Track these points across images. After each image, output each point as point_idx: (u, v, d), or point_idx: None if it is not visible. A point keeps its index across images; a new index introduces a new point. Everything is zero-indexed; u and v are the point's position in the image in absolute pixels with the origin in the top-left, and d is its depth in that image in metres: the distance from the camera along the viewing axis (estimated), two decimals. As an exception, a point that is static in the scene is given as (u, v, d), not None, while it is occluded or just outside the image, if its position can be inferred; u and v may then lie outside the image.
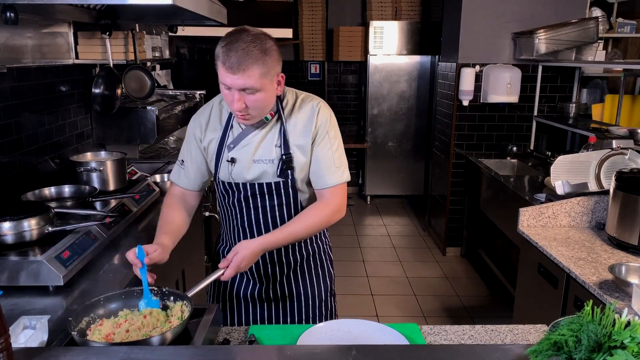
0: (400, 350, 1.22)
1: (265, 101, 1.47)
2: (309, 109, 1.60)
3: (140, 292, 1.39)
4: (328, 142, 1.59)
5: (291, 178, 1.58)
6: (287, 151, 1.56)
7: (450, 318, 3.59)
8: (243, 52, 1.36)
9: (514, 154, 4.13)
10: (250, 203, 1.63)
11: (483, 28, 4.16)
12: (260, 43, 1.39)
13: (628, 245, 2.15)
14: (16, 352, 1.08)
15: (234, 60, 1.36)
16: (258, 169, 1.58)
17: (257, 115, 1.50)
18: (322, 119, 1.59)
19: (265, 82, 1.42)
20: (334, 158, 1.60)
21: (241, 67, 1.36)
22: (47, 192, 2.21)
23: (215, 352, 1.18)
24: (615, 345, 0.93)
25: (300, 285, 1.75)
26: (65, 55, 2.76)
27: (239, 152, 1.58)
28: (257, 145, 1.57)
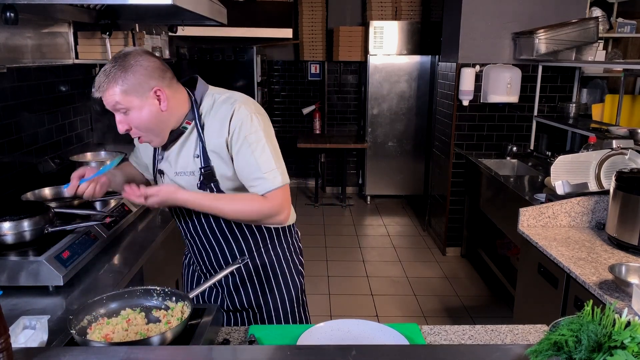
0: (400, 350, 1.22)
1: (146, 119, 1.40)
2: (224, 111, 1.46)
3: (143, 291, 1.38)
4: (247, 147, 1.44)
5: (217, 190, 1.50)
6: (206, 163, 1.48)
7: (450, 318, 3.59)
8: (103, 73, 1.37)
9: (514, 154, 4.13)
10: (186, 216, 1.61)
11: (483, 28, 4.16)
12: (123, 61, 1.37)
13: (628, 245, 2.15)
14: (16, 352, 1.08)
15: (97, 83, 1.38)
16: (182, 181, 1.53)
17: (150, 135, 1.45)
18: (236, 122, 1.44)
19: (132, 99, 1.37)
20: (258, 164, 1.45)
21: (101, 88, 1.37)
22: (47, 192, 2.21)
23: (215, 352, 1.18)
24: (616, 345, 0.93)
25: (260, 295, 1.67)
26: (65, 55, 2.76)
27: (164, 164, 1.57)
28: (177, 157, 1.52)
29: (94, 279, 1.73)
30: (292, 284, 1.72)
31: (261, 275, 1.67)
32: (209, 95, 1.52)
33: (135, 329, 1.27)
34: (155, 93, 1.40)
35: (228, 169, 1.49)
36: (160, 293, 1.39)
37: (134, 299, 1.37)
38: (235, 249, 1.63)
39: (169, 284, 2.36)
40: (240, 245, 1.63)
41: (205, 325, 1.29)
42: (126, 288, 1.40)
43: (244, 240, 1.62)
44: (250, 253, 1.64)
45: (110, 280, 1.73)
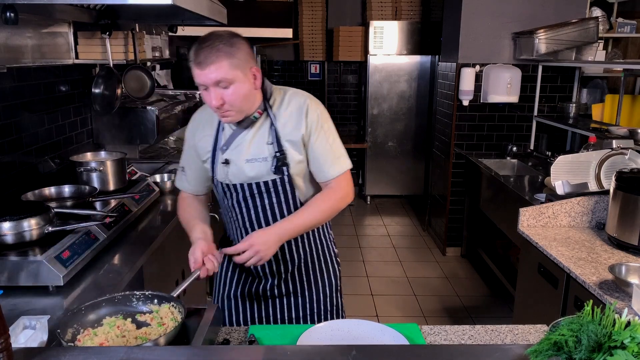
0: (400, 350, 1.21)
1: (242, 95, 1.48)
2: (297, 105, 1.60)
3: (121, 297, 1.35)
4: (324, 135, 1.61)
5: (287, 174, 1.59)
6: (280, 148, 1.57)
7: (450, 318, 3.59)
8: (209, 48, 1.43)
9: (514, 154, 4.13)
10: (249, 203, 1.64)
11: (483, 28, 4.16)
12: (227, 39, 1.45)
13: (628, 245, 2.15)
14: (16, 352, 1.08)
15: (201, 57, 1.42)
16: (252, 168, 1.59)
17: (237, 112, 1.52)
18: (313, 116, 1.59)
19: (237, 73, 1.45)
20: (332, 150, 1.62)
21: (208, 61, 1.42)
22: (47, 192, 2.21)
23: (215, 352, 1.18)
24: (616, 345, 0.93)
25: (305, 282, 1.75)
26: (65, 55, 2.76)
27: (231, 153, 1.60)
28: (249, 145, 1.59)
29: (94, 279, 1.73)
30: (332, 270, 1.79)
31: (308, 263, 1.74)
32: (276, 89, 1.64)
33: (134, 334, 1.26)
34: (252, 72, 1.50)
35: (299, 154, 1.59)
36: (140, 297, 1.36)
37: (114, 306, 1.33)
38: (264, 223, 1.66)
39: (169, 284, 2.36)
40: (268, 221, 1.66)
41: (205, 325, 1.29)
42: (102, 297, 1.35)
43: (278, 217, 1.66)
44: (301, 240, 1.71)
45: (110, 280, 1.73)
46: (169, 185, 2.76)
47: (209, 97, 1.47)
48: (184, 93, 3.97)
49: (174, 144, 4.06)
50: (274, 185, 1.60)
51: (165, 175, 2.90)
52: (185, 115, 3.72)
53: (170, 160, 3.31)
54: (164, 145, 3.95)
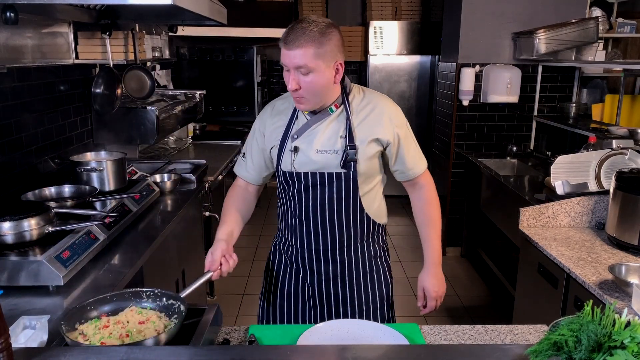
0: (400, 350, 1.22)
1: (319, 85, 1.49)
2: (379, 106, 1.62)
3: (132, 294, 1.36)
4: (411, 137, 1.68)
5: (353, 170, 1.59)
6: (352, 143, 1.57)
7: (450, 318, 3.59)
8: (301, 30, 1.44)
9: (514, 154, 4.13)
10: (310, 194, 1.62)
11: (483, 28, 4.16)
12: (321, 27, 1.45)
13: (628, 245, 2.15)
14: (16, 352, 1.08)
15: (291, 37, 1.43)
16: (321, 158, 1.59)
17: (311, 100, 1.53)
18: (400, 120, 1.64)
19: (319, 63, 1.45)
20: (417, 150, 1.70)
21: (296, 43, 1.43)
22: (47, 192, 2.21)
23: (215, 352, 1.18)
24: (615, 345, 0.93)
25: (355, 288, 1.71)
26: (65, 55, 2.76)
27: (302, 141, 1.60)
28: (321, 135, 1.59)
29: (94, 279, 1.73)
30: (384, 280, 1.77)
31: (359, 269, 1.71)
32: (355, 87, 1.66)
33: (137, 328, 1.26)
34: (336, 65, 1.50)
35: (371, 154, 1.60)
36: (150, 295, 1.37)
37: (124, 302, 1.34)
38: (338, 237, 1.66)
39: (169, 284, 2.36)
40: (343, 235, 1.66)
41: (205, 325, 1.29)
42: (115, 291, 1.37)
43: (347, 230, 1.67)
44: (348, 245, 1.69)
45: (110, 280, 1.73)
46: (169, 185, 2.76)
47: (288, 79, 1.49)
48: (184, 93, 3.97)
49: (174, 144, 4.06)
50: (337, 179, 1.60)
51: (165, 175, 2.90)
52: (185, 115, 3.72)
53: (170, 160, 3.31)
54: (164, 145, 3.95)
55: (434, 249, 1.74)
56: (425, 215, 1.76)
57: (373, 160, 1.62)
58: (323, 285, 1.70)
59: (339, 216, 1.63)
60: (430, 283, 1.71)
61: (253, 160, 1.72)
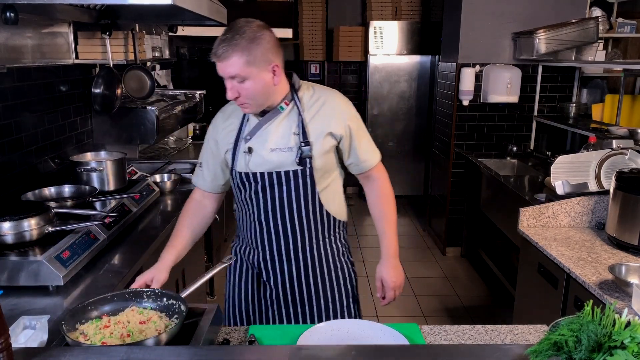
0: (400, 350, 1.21)
1: (257, 90, 1.48)
2: (329, 101, 1.62)
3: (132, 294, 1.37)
4: (362, 129, 1.68)
5: (309, 167, 1.58)
6: (305, 139, 1.57)
7: (450, 318, 3.59)
8: (228, 41, 1.42)
9: (514, 154, 4.13)
10: (267, 194, 1.61)
11: (483, 28, 4.16)
12: (249, 33, 1.43)
13: (628, 245, 2.15)
14: (16, 352, 1.08)
15: (220, 50, 1.42)
16: (276, 157, 1.58)
17: (254, 104, 1.52)
18: (350, 114, 1.64)
19: (251, 70, 1.44)
20: (370, 142, 1.70)
21: (224, 55, 1.42)
22: (47, 192, 2.21)
23: (215, 352, 1.18)
24: (615, 345, 0.93)
25: (320, 287, 1.70)
26: (65, 55, 2.76)
27: (255, 142, 1.59)
28: (274, 134, 1.58)
29: (94, 279, 1.73)
30: (349, 278, 1.77)
31: (323, 267, 1.71)
32: (305, 83, 1.66)
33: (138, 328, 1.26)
34: (272, 68, 1.49)
35: (325, 148, 1.60)
36: (150, 295, 1.37)
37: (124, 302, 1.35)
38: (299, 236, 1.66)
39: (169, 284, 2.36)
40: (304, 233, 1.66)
41: (205, 325, 1.29)
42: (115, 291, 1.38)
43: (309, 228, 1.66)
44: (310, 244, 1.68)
45: (110, 280, 1.73)
46: (169, 185, 2.76)
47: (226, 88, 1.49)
48: (184, 93, 3.97)
49: (174, 144, 4.06)
50: (294, 176, 1.59)
51: (165, 175, 2.90)
52: (185, 115, 3.71)
53: (170, 160, 3.31)
54: (164, 145, 3.95)
55: (389, 242, 1.72)
56: (379, 208, 1.74)
57: (329, 155, 1.62)
58: (287, 286, 1.70)
59: (299, 214, 1.63)
60: (389, 274, 1.71)
61: (209, 168, 1.71)
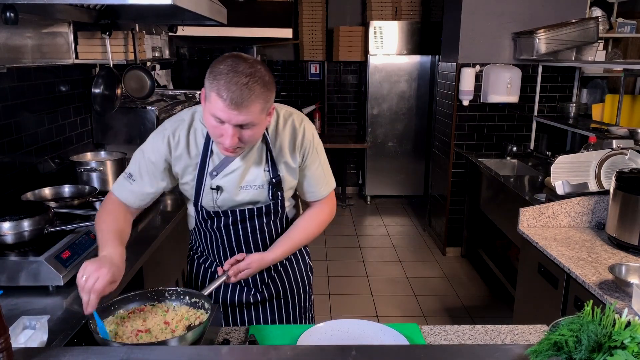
0: (400, 350, 1.21)
1: (259, 134, 1.39)
2: (292, 127, 1.53)
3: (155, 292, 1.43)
4: (317, 158, 1.59)
5: (281, 198, 1.56)
6: (276, 174, 1.52)
7: (450, 318, 3.59)
8: (246, 87, 1.25)
9: (514, 154, 4.13)
10: (238, 227, 1.57)
11: (483, 28, 4.16)
12: (261, 76, 1.28)
13: (628, 246, 2.15)
14: (16, 352, 1.08)
15: (236, 96, 1.24)
16: (247, 195, 1.52)
17: (247, 148, 1.44)
18: (308, 138, 1.55)
19: (262, 117, 1.33)
20: (323, 171, 1.62)
21: (244, 104, 1.25)
22: (47, 192, 2.21)
23: (215, 352, 1.18)
24: (616, 346, 0.93)
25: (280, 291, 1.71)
26: (65, 55, 2.76)
27: (223, 179, 1.49)
28: (244, 171, 1.50)
29: (94, 279, 1.72)
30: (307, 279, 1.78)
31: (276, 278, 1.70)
32: None
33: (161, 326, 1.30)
34: (270, 109, 1.38)
35: (293, 178, 1.57)
36: (172, 293, 1.42)
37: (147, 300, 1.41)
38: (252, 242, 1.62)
39: (169, 284, 2.36)
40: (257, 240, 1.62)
41: (205, 325, 1.29)
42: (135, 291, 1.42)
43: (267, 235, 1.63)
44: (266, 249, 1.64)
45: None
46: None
47: (223, 133, 1.31)
48: (184, 93, 3.97)
49: (174, 144, 4.05)
50: (266, 210, 1.56)
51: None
52: (185, 115, 3.71)
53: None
54: (164, 145, 3.93)
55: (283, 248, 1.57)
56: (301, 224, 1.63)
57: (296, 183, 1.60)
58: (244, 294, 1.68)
59: (270, 238, 1.61)
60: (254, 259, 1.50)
61: (143, 187, 1.52)
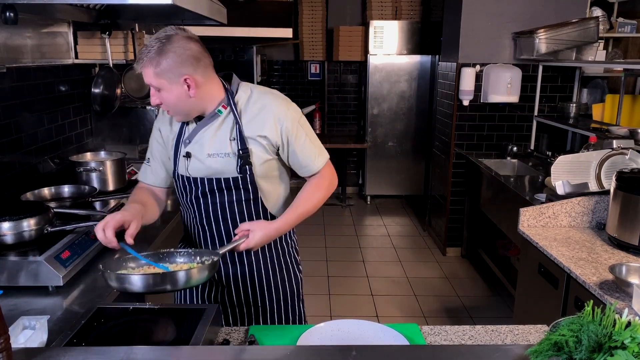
0: (400, 351, 1.21)
1: (172, 100, 1.49)
2: (267, 106, 1.57)
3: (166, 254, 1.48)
4: (303, 134, 1.61)
5: (250, 174, 1.58)
6: (243, 146, 1.55)
7: (450, 318, 3.59)
8: (145, 51, 1.45)
9: (514, 154, 4.13)
10: (208, 199, 1.62)
11: (483, 28, 4.16)
12: (162, 45, 1.43)
13: (628, 246, 2.15)
14: (16, 352, 1.08)
15: (138, 58, 1.47)
16: (214, 163, 1.57)
17: (177, 113, 1.54)
18: (289, 118, 1.58)
19: (162, 81, 1.45)
20: (314, 146, 1.63)
21: (140, 64, 1.46)
22: (46, 192, 2.21)
23: (215, 352, 1.18)
24: (616, 346, 0.93)
25: (265, 289, 1.71)
26: (65, 55, 2.76)
27: (193, 146, 1.59)
28: (212, 139, 1.57)
29: (93, 279, 1.73)
30: (294, 277, 1.77)
31: (268, 268, 1.71)
32: (243, 85, 1.62)
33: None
34: (185, 80, 1.47)
35: (266, 154, 1.58)
36: (183, 254, 1.47)
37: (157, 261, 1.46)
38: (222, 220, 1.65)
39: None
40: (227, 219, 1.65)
41: (205, 325, 1.29)
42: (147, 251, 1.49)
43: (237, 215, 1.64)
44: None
45: (110, 280, 1.72)
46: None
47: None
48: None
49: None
50: (234, 183, 1.58)
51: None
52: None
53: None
54: (164, 145, 3.94)
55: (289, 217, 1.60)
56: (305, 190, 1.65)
57: (270, 162, 1.60)
58: (232, 287, 1.70)
59: (242, 218, 1.62)
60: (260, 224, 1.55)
61: (156, 163, 1.71)
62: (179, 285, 1.30)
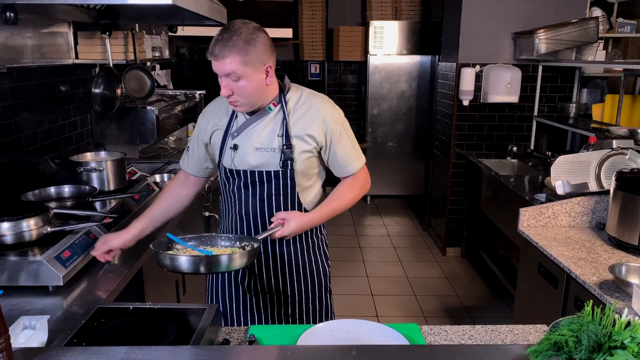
0: (400, 351, 1.21)
1: (250, 89, 1.54)
2: (315, 106, 1.66)
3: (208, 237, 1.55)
4: (345, 136, 1.69)
5: (290, 169, 1.64)
6: (288, 142, 1.62)
7: (450, 318, 3.59)
8: (225, 40, 1.48)
9: (514, 154, 4.13)
10: (249, 191, 1.69)
11: (483, 28, 4.16)
12: (245, 34, 1.49)
13: (628, 246, 2.15)
14: (16, 352, 1.08)
15: (216, 48, 1.49)
16: (260, 156, 1.64)
17: (245, 103, 1.58)
18: (334, 120, 1.66)
19: (247, 70, 1.50)
20: (353, 149, 1.72)
21: (222, 54, 1.48)
22: (47, 192, 2.21)
23: (215, 352, 1.18)
24: (616, 346, 0.93)
25: (295, 280, 1.77)
26: (65, 55, 2.76)
27: (241, 139, 1.65)
28: (259, 134, 1.64)
29: (93, 279, 1.73)
30: (323, 270, 1.82)
31: (299, 261, 1.76)
32: (294, 86, 1.72)
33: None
34: (265, 68, 1.55)
35: (308, 152, 1.66)
36: (224, 239, 1.55)
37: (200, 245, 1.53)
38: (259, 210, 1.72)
39: (169, 284, 2.36)
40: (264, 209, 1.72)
41: (205, 325, 1.29)
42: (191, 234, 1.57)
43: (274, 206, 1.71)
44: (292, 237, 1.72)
45: (110, 280, 1.72)
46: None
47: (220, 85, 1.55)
48: (184, 93, 3.97)
49: (174, 144, 4.06)
50: (275, 176, 1.65)
51: (165, 175, 2.90)
52: (185, 115, 3.71)
53: (170, 160, 3.31)
54: (164, 145, 3.94)
55: (322, 212, 1.70)
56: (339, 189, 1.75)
57: (311, 159, 1.67)
58: (264, 276, 1.76)
59: (278, 210, 1.68)
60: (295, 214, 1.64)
61: (195, 152, 1.79)
62: (222, 268, 1.40)
